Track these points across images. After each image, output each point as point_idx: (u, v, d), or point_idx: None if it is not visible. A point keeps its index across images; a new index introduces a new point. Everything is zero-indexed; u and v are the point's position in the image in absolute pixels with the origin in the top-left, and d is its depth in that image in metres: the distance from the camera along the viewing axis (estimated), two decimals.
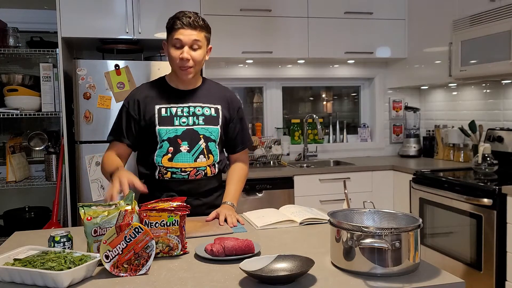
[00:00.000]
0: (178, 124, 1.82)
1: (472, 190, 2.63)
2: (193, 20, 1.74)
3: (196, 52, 1.77)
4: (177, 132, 1.80)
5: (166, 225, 1.35)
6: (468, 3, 3.09)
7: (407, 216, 1.28)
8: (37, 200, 3.43)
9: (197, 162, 1.82)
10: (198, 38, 1.75)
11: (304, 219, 1.70)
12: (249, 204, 3.22)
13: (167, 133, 1.80)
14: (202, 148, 1.83)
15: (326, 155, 4.07)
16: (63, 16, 2.89)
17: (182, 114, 1.83)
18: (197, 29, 1.75)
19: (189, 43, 1.75)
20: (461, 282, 1.13)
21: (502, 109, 3.32)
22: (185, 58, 1.74)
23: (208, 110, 1.86)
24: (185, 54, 1.74)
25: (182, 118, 1.82)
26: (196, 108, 1.85)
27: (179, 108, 1.83)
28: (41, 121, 3.57)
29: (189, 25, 1.73)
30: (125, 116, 1.85)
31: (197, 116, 1.84)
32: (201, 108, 1.85)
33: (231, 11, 3.43)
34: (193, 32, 1.74)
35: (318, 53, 3.64)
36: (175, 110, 1.83)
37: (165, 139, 1.80)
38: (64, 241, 1.33)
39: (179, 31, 1.74)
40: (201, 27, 1.76)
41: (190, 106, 1.84)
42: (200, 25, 1.76)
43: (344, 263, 1.19)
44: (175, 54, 1.76)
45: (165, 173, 1.82)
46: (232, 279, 1.15)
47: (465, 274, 2.68)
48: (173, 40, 1.75)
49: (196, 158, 1.82)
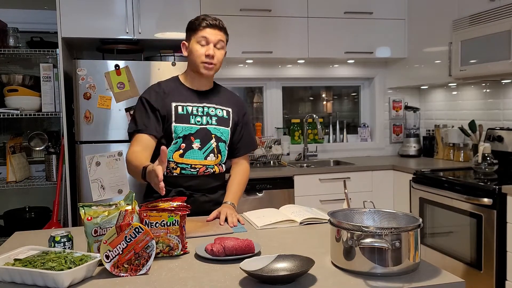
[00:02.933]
0: (193, 122, 1.86)
1: (472, 189, 2.63)
2: (219, 22, 1.87)
3: (219, 51, 1.86)
4: (191, 130, 1.85)
5: (166, 225, 1.35)
6: (468, 3, 3.09)
7: (407, 215, 1.28)
8: (37, 200, 3.43)
9: (207, 160, 1.88)
10: (222, 39, 1.87)
11: (304, 219, 1.71)
12: (249, 204, 3.22)
13: (183, 130, 1.84)
14: (213, 147, 1.88)
15: (326, 155, 4.07)
16: (63, 16, 2.89)
17: (197, 113, 1.88)
18: (222, 30, 1.87)
19: (214, 42, 1.84)
20: (461, 282, 1.13)
21: (502, 109, 3.32)
22: (211, 55, 1.82)
23: (221, 112, 1.93)
24: (211, 51, 1.82)
25: (197, 117, 1.87)
26: (210, 108, 1.90)
27: (194, 107, 1.88)
28: (41, 121, 3.58)
29: (215, 26, 1.85)
30: (148, 107, 1.85)
31: (211, 116, 1.90)
32: (214, 109, 1.91)
33: (231, 11, 3.43)
34: (218, 32, 1.85)
35: (318, 53, 3.64)
36: (191, 109, 1.87)
37: (180, 136, 1.84)
38: (65, 241, 1.33)
39: (206, 30, 1.83)
40: (224, 30, 1.89)
41: (205, 106, 1.90)
42: (223, 27, 1.88)
43: (344, 263, 1.19)
44: (200, 50, 1.83)
45: (175, 168, 1.85)
46: (232, 279, 1.15)
47: (465, 274, 2.68)
48: (199, 38, 1.83)
49: (206, 156, 1.87)
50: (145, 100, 1.86)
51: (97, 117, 2.85)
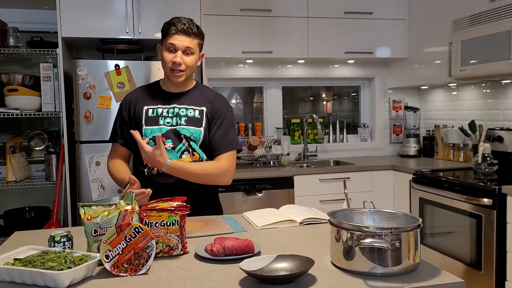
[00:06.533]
0: (162, 123, 1.88)
1: (472, 190, 2.63)
2: (188, 27, 1.81)
3: (188, 57, 1.85)
4: (161, 131, 1.85)
5: (166, 225, 1.35)
6: (468, 3, 3.09)
7: (407, 216, 1.28)
8: (37, 200, 3.43)
9: (182, 158, 1.86)
10: (190, 46, 1.83)
11: (304, 219, 1.71)
12: (249, 204, 3.22)
13: (152, 132, 1.86)
14: (185, 147, 1.87)
15: (326, 155, 4.07)
16: (63, 16, 2.89)
17: (167, 114, 1.89)
18: (191, 36, 1.83)
19: (182, 49, 1.82)
20: (461, 282, 1.13)
21: (502, 109, 3.32)
22: (177, 62, 1.82)
23: (192, 112, 1.90)
24: (178, 59, 1.82)
25: (166, 118, 1.88)
26: (180, 109, 1.90)
27: (165, 109, 1.90)
28: (41, 121, 3.58)
29: (183, 31, 1.81)
30: (118, 118, 1.96)
31: (180, 117, 1.89)
32: (185, 110, 1.90)
33: (231, 11, 3.43)
34: (186, 38, 1.82)
35: (318, 53, 3.65)
36: (161, 111, 1.89)
37: (150, 138, 1.84)
38: (64, 241, 1.33)
39: (174, 36, 1.82)
40: (194, 34, 1.84)
41: (175, 107, 1.90)
42: (193, 32, 1.83)
43: (344, 263, 1.19)
44: (168, 57, 1.84)
45: (153, 168, 1.86)
46: (232, 279, 1.15)
47: (465, 274, 2.68)
48: (167, 45, 1.83)
49: (181, 155, 1.86)
50: (120, 109, 1.96)
51: (97, 117, 2.85)
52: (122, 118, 1.94)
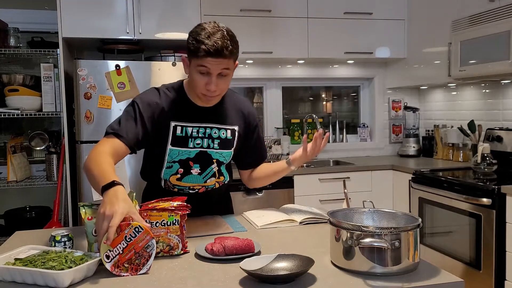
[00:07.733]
0: (192, 146, 1.68)
1: (472, 189, 2.63)
2: (222, 47, 1.48)
3: (223, 79, 1.57)
4: (190, 154, 1.68)
5: (167, 224, 1.35)
6: (468, 3, 3.10)
7: (407, 215, 1.29)
8: (38, 199, 3.44)
9: (206, 183, 1.75)
10: (227, 66, 1.54)
11: (304, 219, 1.71)
12: (249, 204, 3.22)
13: (179, 154, 1.67)
14: (214, 171, 1.74)
15: (326, 155, 4.07)
16: (63, 17, 2.89)
17: (197, 135, 1.68)
18: (226, 57, 1.51)
19: (217, 72, 1.54)
20: (460, 282, 1.13)
21: (501, 109, 3.33)
22: (212, 90, 1.56)
23: (224, 133, 1.72)
24: (213, 86, 1.55)
25: (197, 139, 1.68)
26: (213, 130, 1.70)
27: (195, 128, 1.68)
28: (42, 121, 3.58)
29: (218, 54, 1.49)
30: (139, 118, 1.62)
31: (213, 139, 1.70)
32: (217, 131, 1.71)
33: (231, 11, 3.44)
34: (222, 60, 1.51)
35: (318, 53, 3.65)
36: (191, 130, 1.67)
37: (176, 161, 1.68)
38: (65, 240, 1.34)
39: (206, 59, 1.50)
40: (230, 53, 1.52)
41: (207, 127, 1.69)
42: (229, 51, 1.51)
43: (343, 263, 1.19)
44: (200, 82, 1.56)
45: (172, 188, 1.74)
46: (232, 279, 1.16)
47: (464, 274, 2.68)
48: (199, 67, 1.53)
49: (206, 180, 1.74)
50: (138, 109, 1.62)
51: (97, 117, 2.86)
52: (142, 120, 1.62)
